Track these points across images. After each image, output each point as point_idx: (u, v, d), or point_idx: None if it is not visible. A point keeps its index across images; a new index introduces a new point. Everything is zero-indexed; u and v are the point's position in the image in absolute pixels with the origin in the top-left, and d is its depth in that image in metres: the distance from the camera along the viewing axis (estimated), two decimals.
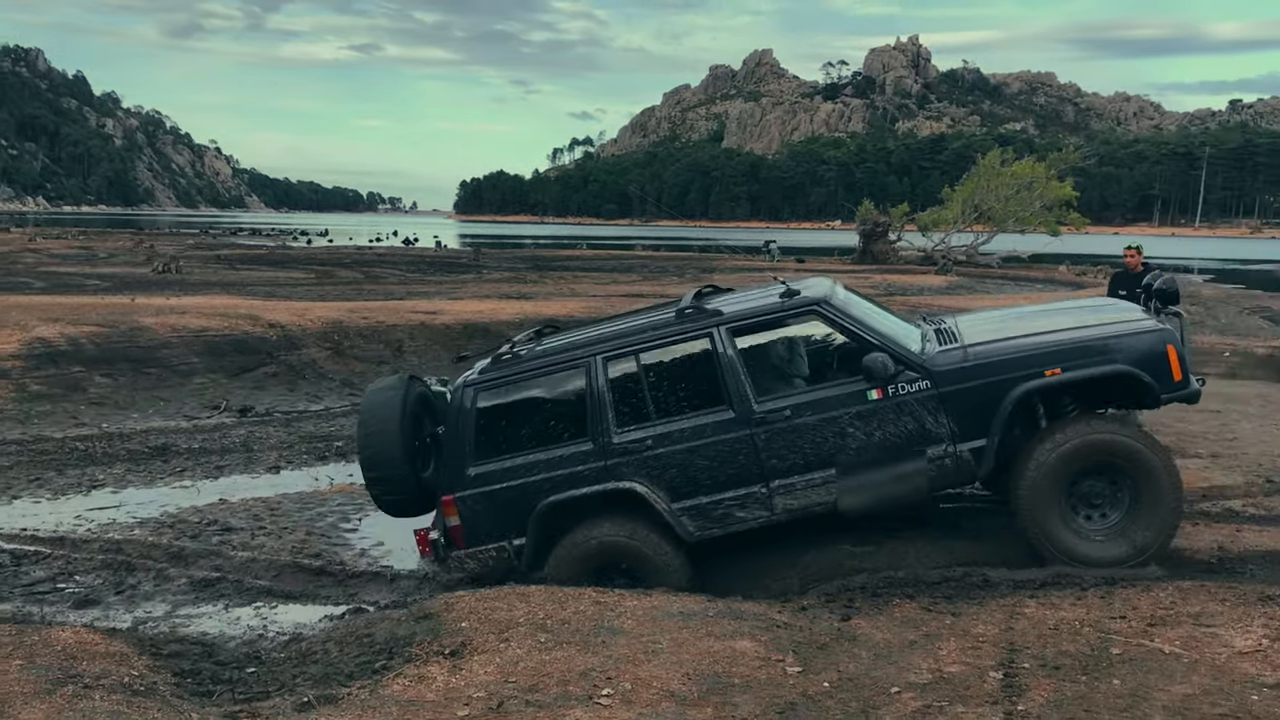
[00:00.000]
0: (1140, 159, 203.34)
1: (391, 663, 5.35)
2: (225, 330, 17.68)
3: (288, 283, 32.15)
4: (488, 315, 20.70)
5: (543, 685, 4.87)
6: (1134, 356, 6.49)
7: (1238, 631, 5.24)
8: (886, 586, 6.40)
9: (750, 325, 6.88)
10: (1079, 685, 4.71)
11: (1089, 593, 5.97)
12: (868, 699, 4.69)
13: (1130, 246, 12.29)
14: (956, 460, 6.57)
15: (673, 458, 6.67)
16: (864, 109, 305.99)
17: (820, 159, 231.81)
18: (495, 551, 6.88)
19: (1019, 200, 46.39)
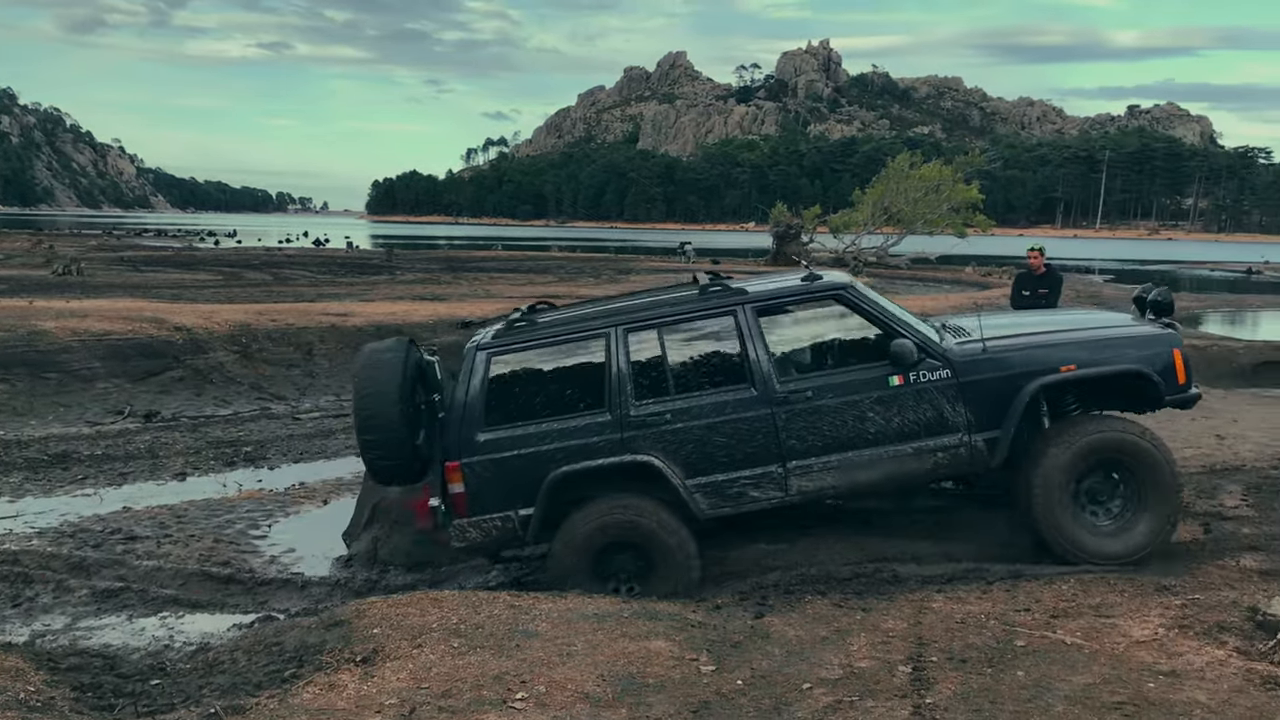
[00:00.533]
0: (1043, 162, 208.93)
1: (302, 671, 5.26)
2: (129, 334, 17.19)
3: (194, 285, 31.41)
4: (400, 317, 20.45)
5: (456, 690, 4.83)
6: (1145, 357, 6.72)
7: (1135, 621, 5.42)
8: (799, 584, 6.50)
9: (775, 306, 6.93)
10: (984, 677, 4.82)
11: (994, 587, 6.13)
12: (780, 695, 4.74)
13: (1033, 248, 12.61)
14: (971, 450, 6.68)
15: (691, 433, 6.62)
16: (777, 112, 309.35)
17: (734, 161, 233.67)
18: (500, 521, 6.70)
19: (927, 203, 47.25)
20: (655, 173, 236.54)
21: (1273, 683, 4.59)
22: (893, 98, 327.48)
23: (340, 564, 8.63)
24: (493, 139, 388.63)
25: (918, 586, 6.25)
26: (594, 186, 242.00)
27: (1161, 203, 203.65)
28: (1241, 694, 4.51)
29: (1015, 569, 6.57)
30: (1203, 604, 5.58)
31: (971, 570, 6.55)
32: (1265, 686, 4.56)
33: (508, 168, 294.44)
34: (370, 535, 8.71)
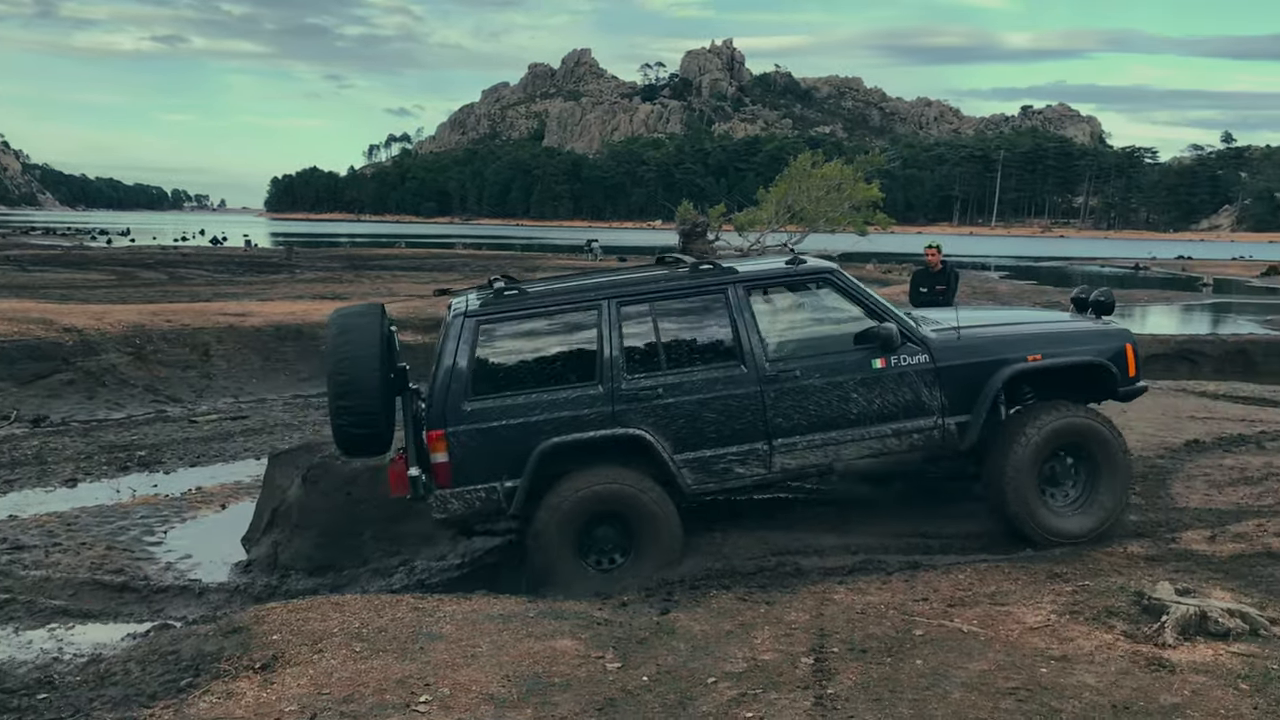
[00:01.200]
0: (941, 161, 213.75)
1: (198, 680, 5.13)
2: (15, 335, 16.57)
3: (85, 285, 30.43)
4: (300, 317, 20.08)
5: (358, 695, 4.76)
6: (1103, 350, 7.10)
7: (1029, 608, 5.58)
8: (704, 579, 6.53)
9: (765, 285, 7.06)
10: (884, 666, 4.92)
11: (894, 577, 6.26)
12: (685, 690, 4.77)
13: (930, 245, 12.90)
14: (944, 432, 6.91)
15: (681, 408, 6.64)
16: (681, 110, 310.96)
17: (640, 159, 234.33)
18: (485, 493, 6.57)
19: (829, 201, 47.91)
20: (561, 170, 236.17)
21: (1157, 664, 4.76)
22: (795, 97, 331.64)
23: (239, 569, 8.45)
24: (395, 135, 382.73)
25: (820, 579, 6.34)
26: (499, 184, 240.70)
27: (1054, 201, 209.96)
28: (1128, 675, 4.67)
29: (913, 560, 6.72)
30: (1092, 590, 5.77)
31: (872, 562, 6.68)
32: (1150, 668, 4.73)
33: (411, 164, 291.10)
34: (270, 540, 8.55)
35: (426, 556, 8.57)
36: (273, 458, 9.54)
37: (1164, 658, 4.82)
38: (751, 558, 6.87)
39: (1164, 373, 17.72)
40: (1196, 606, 5.18)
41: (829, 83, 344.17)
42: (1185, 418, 11.44)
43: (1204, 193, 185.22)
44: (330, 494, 8.36)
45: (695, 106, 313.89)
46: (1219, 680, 4.58)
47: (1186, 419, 11.35)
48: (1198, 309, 35.44)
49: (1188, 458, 9.38)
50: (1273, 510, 7.49)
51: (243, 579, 8.29)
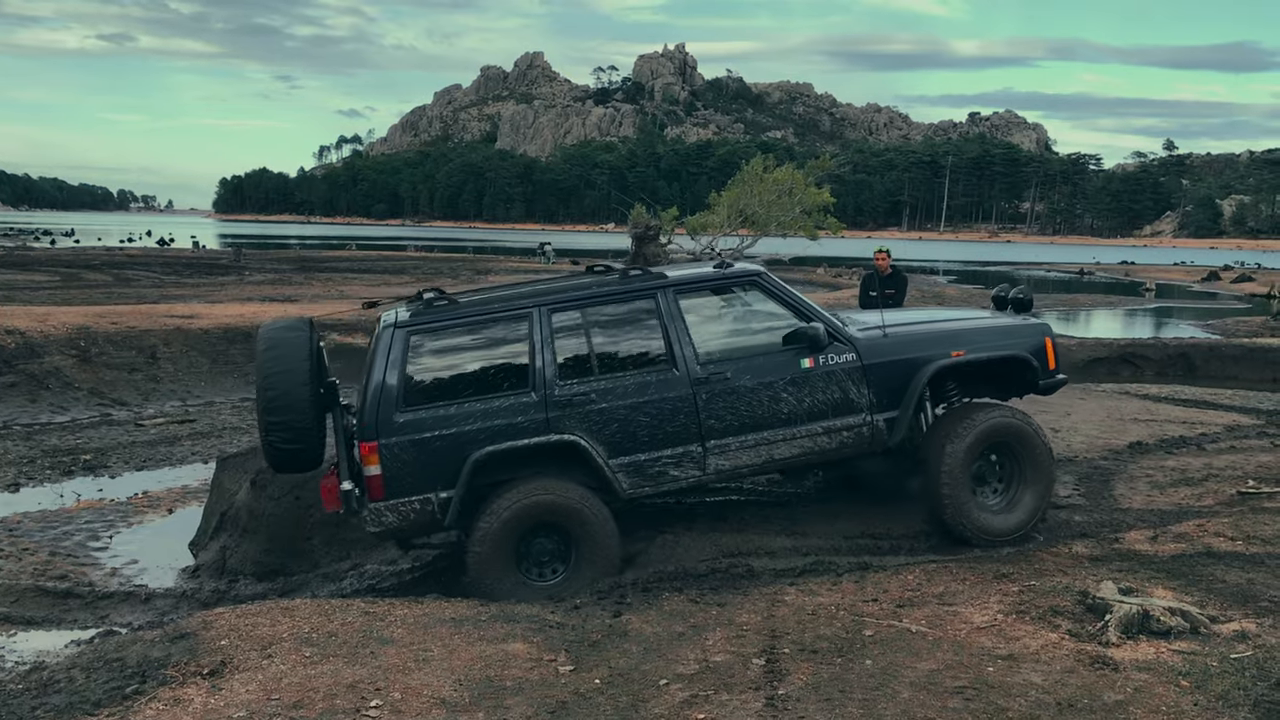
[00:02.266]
0: (890, 167, 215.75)
1: (144, 687, 5.06)
2: None
3: (28, 286, 29.87)
4: (250, 319, 19.85)
5: (308, 701, 4.72)
6: (1024, 344, 7.31)
7: (976, 608, 5.66)
8: (657, 581, 6.56)
9: (694, 289, 7.09)
10: (835, 667, 4.96)
11: (844, 578, 6.31)
12: (637, 693, 4.78)
13: (880, 250, 13.03)
14: (873, 429, 7.04)
15: (615, 413, 6.67)
16: (634, 114, 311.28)
17: (593, 162, 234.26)
18: (419, 504, 6.51)
19: (780, 205, 48.06)
20: (514, 173, 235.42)
21: (1100, 662, 4.85)
22: (747, 102, 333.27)
23: (187, 575, 8.35)
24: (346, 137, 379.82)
25: (771, 580, 6.39)
26: (451, 186, 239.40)
27: (1001, 206, 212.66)
28: (1073, 674, 4.75)
29: (863, 561, 6.79)
30: (1038, 589, 5.85)
31: (822, 563, 6.74)
32: (1094, 666, 4.82)
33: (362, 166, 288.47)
34: (218, 544, 8.45)
35: (377, 560, 8.51)
36: (221, 461, 9.42)
37: (1108, 656, 4.91)
38: (703, 559, 6.91)
39: (1107, 376, 18.03)
40: (1139, 605, 5.28)
41: (780, 88, 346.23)
42: (1128, 420, 11.65)
43: (1147, 199, 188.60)
44: (279, 498, 8.27)
45: (648, 110, 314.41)
46: (1161, 678, 4.67)
47: (1129, 421, 11.57)
48: (1140, 313, 36.08)
49: (1130, 459, 9.56)
50: (1212, 511, 7.66)
51: (190, 584, 8.18)
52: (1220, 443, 10.25)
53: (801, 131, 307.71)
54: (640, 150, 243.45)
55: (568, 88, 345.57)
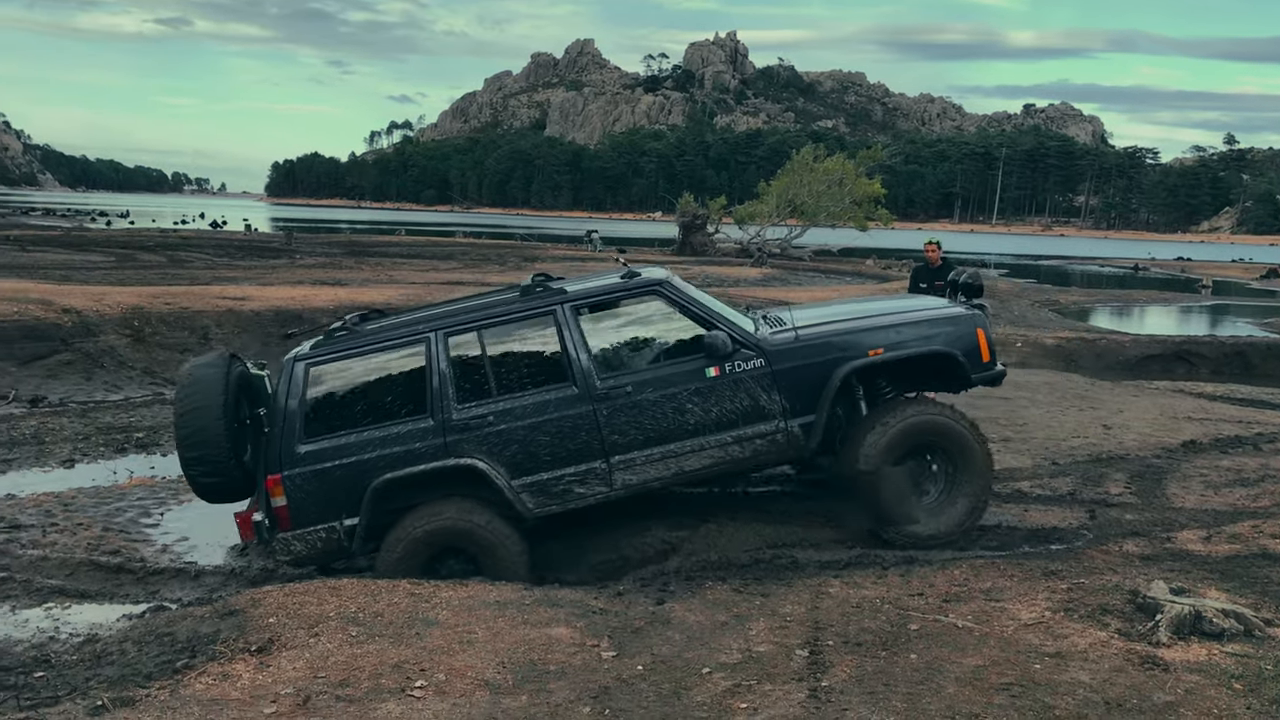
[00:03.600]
0: (943, 158, 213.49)
1: (194, 661, 5.15)
2: (14, 316, 16.56)
3: (85, 266, 30.39)
4: (300, 302, 20.08)
5: (354, 679, 4.78)
6: (949, 339, 6.96)
7: (1023, 605, 5.59)
8: (700, 570, 6.55)
9: (594, 304, 6.98)
10: (879, 660, 4.93)
11: (889, 572, 6.27)
12: (679, 680, 4.78)
13: (930, 241, 12.91)
14: (788, 435, 6.82)
15: (514, 434, 6.64)
16: (684, 102, 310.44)
17: (641, 150, 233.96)
18: (325, 533, 6.63)
19: (830, 195, 47.93)
20: (562, 160, 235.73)
21: (1150, 663, 4.78)
22: (798, 91, 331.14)
23: (235, 552, 8.45)
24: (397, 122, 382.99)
25: (815, 572, 6.36)
26: (500, 173, 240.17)
27: (1055, 200, 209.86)
28: (1121, 674, 4.68)
29: (909, 554, 6.73)
30: (1087, 588, 5.78)
31: (867, 556, 6.69)
32: (1144, 666, 4.75)
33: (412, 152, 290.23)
34: None
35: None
36: None
37: (1158, 656, 4.84)
38: (747, 549, 6.89)
39: (1161, 373, 17.77)
40: (1191, 606, 5.20)
41: (832, 77, 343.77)
42: (1182, 418, 11.47)
43: (1205, 194, 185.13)
44: None
45: (697, 99, 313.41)
46: (1213, 680, 4.59)
47: (1184, 420, 11.38)
48: (1196, 310, 35.45)
49: (1184, 458, 9.40)
50: (1268, 512, 7.51)
51: (239, 562, 8.29)
52: (1277, 443, 10.05)
53: (853, 121, 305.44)
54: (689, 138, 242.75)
55: (617, 75, 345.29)
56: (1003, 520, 7.49)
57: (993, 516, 7.57)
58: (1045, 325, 24.32)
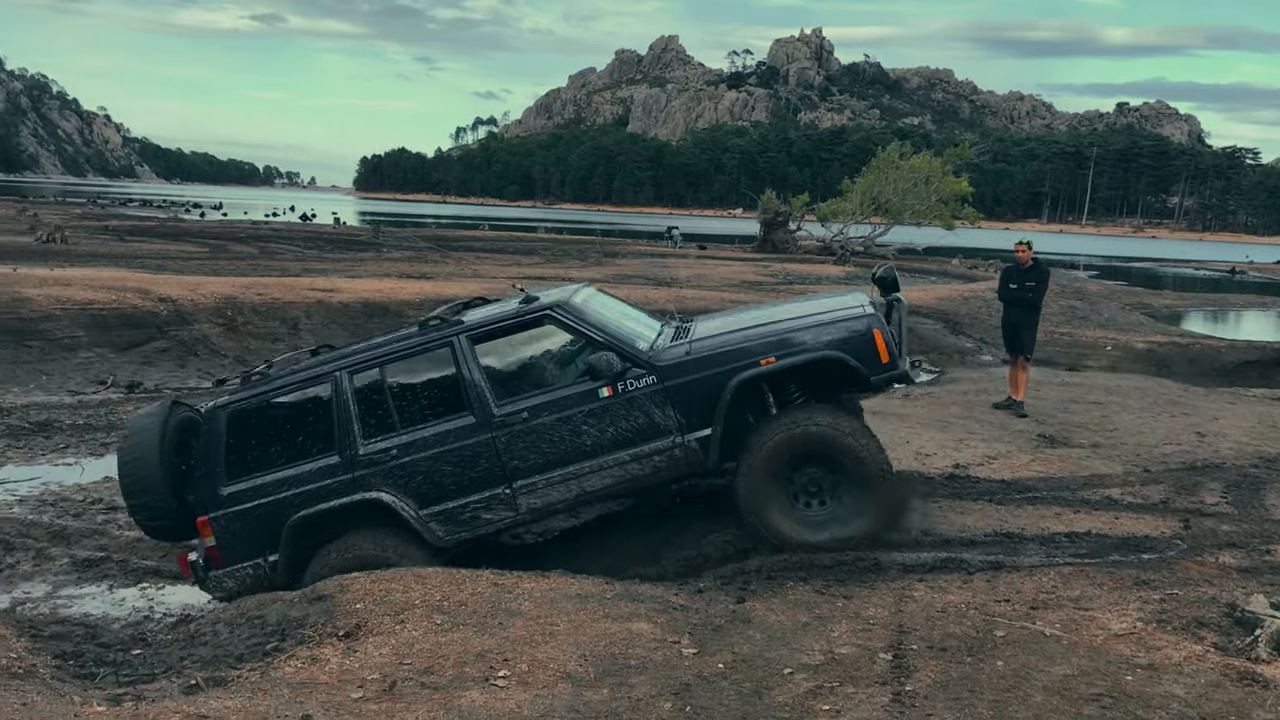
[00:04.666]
0: (1031, 157, 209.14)
1: (284, 645, 5.27)
2: (113, 303, 17.10)
3: (179, 256, 31.23)
4: (387, 294, 20.40)
5: (438, 667, 4.84)
6: (839, 342, 6.79)
7: (1114, 615, 5.46)
8: (781, 570, 6.51)
9: (489, 332, 7.07)
10: (964, 666, 4.86)
11: (975, 577, 6.17)
12: (761, 679, 4.77)
13: (1021, 242, 12.65)
14: (686, 450, 6.82)
15: (418, 465, 6.81)
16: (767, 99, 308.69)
17: (724, 147, 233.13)
18: (252, 569, 6.90)
19: (916, 194, 47.32)
20: (644, 156, 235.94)
21: (1249, 679, 4.63)
22: (884, 88, 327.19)
23: None
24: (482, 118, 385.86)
25: (899, 575, 6.28)
26: (582, 169, 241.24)
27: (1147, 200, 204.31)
28: (1218, 689, 4.55)
29: (995, 560, 6.61)
30: (1181, 599, 5.63)
31: (953, 560, 6.59)
32: (1241, 682, 4.61)
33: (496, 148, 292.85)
34: None
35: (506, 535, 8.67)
36: None
37: (1257, 673, 4.69)
38: (829, 550, 6.82)
39: (1259, 380, 17.20)
40: None
41: (919, 74, 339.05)
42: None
43: None
44: None
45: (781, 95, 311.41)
46: None
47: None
48: None
49: None
50: None
51: None
52: None
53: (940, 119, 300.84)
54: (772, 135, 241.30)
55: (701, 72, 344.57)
56: (1092, 528, 7.32)
57: (1082, 523, 7.42)
58: (1136, 329, 23.72)
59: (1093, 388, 14.02)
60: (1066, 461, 9.45)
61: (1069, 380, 14.91)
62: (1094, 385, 14.33)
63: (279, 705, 4.49)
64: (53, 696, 4.65)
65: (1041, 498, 8.18)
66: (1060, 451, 9.94)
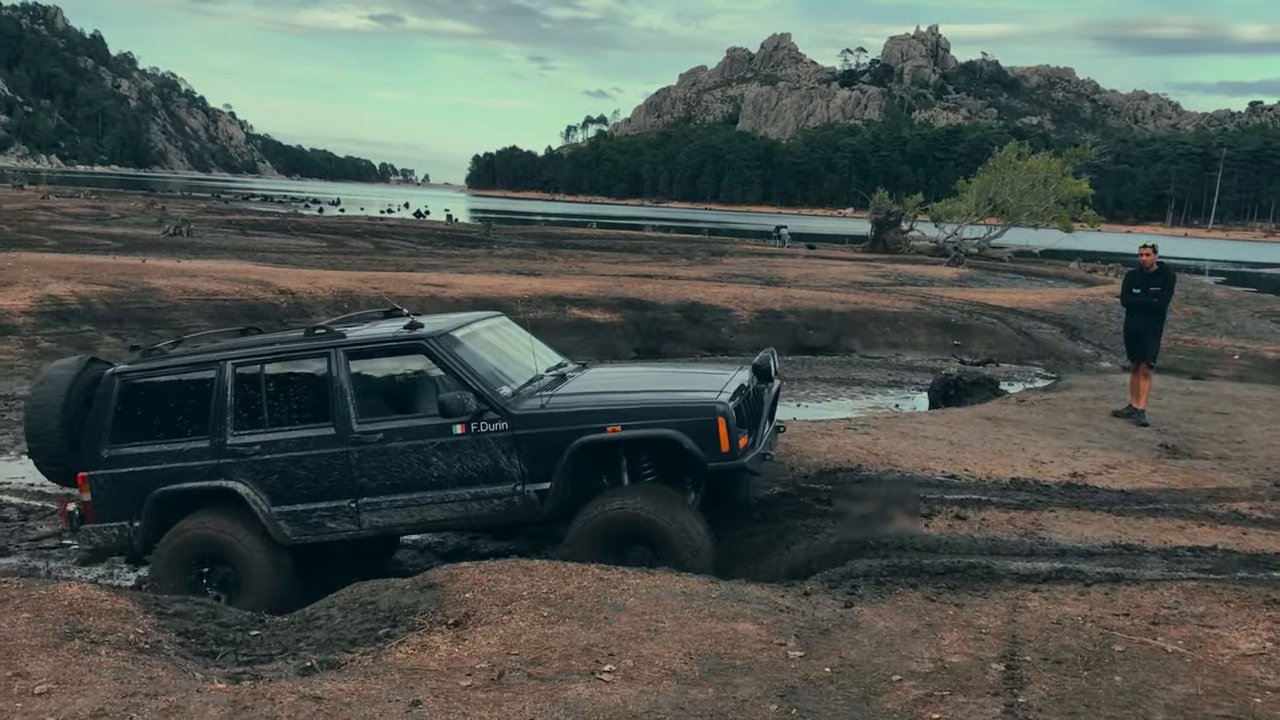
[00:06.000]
0: (1156, 158, 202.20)
1: (395, 631, 5.37)
2: (236, 295, 17.69)
3: (299, 250, 32.16)
4: (497, 290, 20.70)
5: (545, 659, 4.89)
6: (683, 424, 6.76)
7: (1242, 633, 5.24)
8: (890, 575, 6.40)
9: (365, 351, 7.26)
10: (1080, 680, 4.72)
11: (1092, 589, 5.98)
12: (869, 685, 4.70)
13: (1146, 245, 12.26)
14: (525, 499, 6.92)
15: (277, 465, 7.04)
16: (881, 97, 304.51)
17: (835, 146, 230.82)
18: (118, 530, 7.21)
19: (1034, 195, 46.22)
20: (753, 155, 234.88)
21: None
22: (1001, 86, 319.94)
23: None
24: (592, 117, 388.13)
25: (1013, 584, 6.11)
26: (690, 167, 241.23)
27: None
28: None
29: (1114, 571, 6.40)
30: None
31: (1068, 571, 6.39)
32: None
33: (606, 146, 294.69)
34: None
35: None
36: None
37: None
38: (941, 557, 6.70)
39: None
40: None
41: (1038, 72, 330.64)
42: None
43: None
44: None
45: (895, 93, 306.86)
46: None
47: None
48: None
49: None
50: None
51: (435, 538, 8.61)
52: None
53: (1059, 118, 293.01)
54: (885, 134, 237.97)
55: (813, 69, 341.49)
56: (1218, 542, 7.04)
57: (1207, 537, 7.14)
58: (1266, 337, 22.76)
59: (1219, 397, 13.50)
60: (1190, 473, 9.11)
61: (1193, 389, 14.38)
62: (1220, 395, 13.80)
63: (390, 690, 4.59)
64: (176, 672, 4.82)
65: (1163, 509, 7.90)
66: (1184, 462, 9.60)
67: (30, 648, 4.84)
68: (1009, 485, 8.42)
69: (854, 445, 9.70)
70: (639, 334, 20.13)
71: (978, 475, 8.72)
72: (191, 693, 4.52)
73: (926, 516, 7.46)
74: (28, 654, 4.77)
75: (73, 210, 47.72)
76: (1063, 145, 62.51)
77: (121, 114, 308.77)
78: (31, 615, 5.25)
